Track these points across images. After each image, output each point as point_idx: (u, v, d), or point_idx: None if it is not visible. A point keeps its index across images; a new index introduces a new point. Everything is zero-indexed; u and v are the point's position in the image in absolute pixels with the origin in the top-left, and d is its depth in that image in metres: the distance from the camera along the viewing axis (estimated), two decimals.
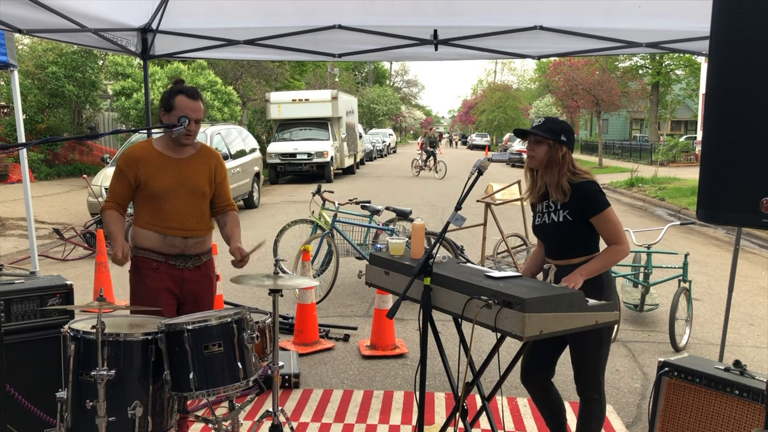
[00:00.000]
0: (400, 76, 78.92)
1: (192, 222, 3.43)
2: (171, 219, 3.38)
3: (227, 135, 14.54)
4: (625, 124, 53.40)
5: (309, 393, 4.73)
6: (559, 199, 3.20)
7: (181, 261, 3.43)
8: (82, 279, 7.97)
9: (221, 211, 3.65)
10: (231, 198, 3.71)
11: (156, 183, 3.36)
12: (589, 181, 3.19)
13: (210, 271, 3.61)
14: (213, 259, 3.67)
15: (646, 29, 4.96)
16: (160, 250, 3.39)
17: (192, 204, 3.44)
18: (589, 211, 3.15)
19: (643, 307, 6.40)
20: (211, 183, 3.56)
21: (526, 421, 4.30)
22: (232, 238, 3.58)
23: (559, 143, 3.18)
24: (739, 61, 2.01)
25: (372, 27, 5.19)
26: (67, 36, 4.96)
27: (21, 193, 5.01)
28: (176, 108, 3.36)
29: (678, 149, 30.70)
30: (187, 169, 3.46)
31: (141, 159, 3.40)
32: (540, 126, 3.24)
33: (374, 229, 7.68)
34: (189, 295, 3.49)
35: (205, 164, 3.54)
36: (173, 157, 3.46)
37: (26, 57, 19.42)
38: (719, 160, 2.08)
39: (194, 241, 3.45)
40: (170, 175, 3.40)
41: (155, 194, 3.37)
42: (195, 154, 3.54)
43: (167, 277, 3.41)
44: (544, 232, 3.32)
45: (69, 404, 2.74)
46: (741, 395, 2.95)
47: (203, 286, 3.55)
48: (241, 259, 3.47)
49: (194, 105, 3.40)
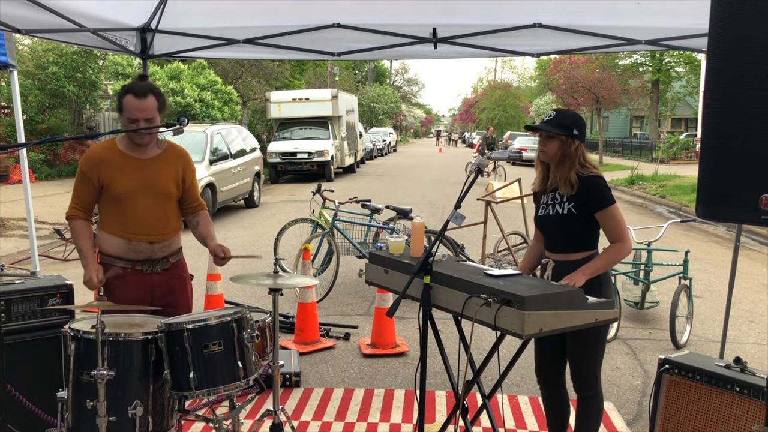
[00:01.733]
0: (400, 74, 78.93)
1: (158, 226, 3.28)
2: (135, 224, 3.23)
3: (227, 134, 14.54)
4: (626, 122, 53.33)
5: (310, 392, 4.73)
6: (566, 192, 3.18)
7: (148, 266, 3.29)
8: (82, 279, 7.95)
9: (192, 211, 3.51)
10: (200, 198, 3.56)
11: (119, 185, 3.20)
12: (597, 176, 3.19)
13: (182, 271, 3.48)
14: (183, 258, 3.54)
15: (646, 26, 4.95)
16: (125, 257, 3.26)
17: (157, 207, 3.28)
18: (595, 206, 3.13)
19: (643, 304, 6.40)
20: (179, 185, 3.39)
21: (527, 419, 4.30)
22: (208, 237, 3.46)
23: (571, 138, 3.16)
24: (738, 58, 2.01)
25: (371, 25, 5.19)
26: (67, 36, 4.95)
27: (21, 194, 5.02)
28: (124, 108, 3.16)
29: (678, 147, 30.70)
30: (152, 169, 3.29)
31: (103, 160, 3.23)
32: (551, 121, 3.20)
33: (374, 228, 7.67)
34: (161, 299, 3.34)
35: (171, 164, 3.37)
36: (137, 158, 3.28)
37: (26, 57, 19.42)
38: (719, 157, 2.08)
39: (160, 245, 3.31)
40: (133, 177, 3.23)
41: (118, 197, 3.21)
42: (161, 154, 3.36)
43: (133, 286, 3.27)
44: (546, 224, 3.31)
45: (69, 404, 2.74)
46: (742, 392, 2.94)
47: (175, 287, 3.42)
48: (224, 257, 3.35)
49: (141, 104, 3.14)
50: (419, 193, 17.98)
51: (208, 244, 3.44)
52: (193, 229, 3.53)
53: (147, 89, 3.19)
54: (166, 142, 3.42)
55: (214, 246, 3.40)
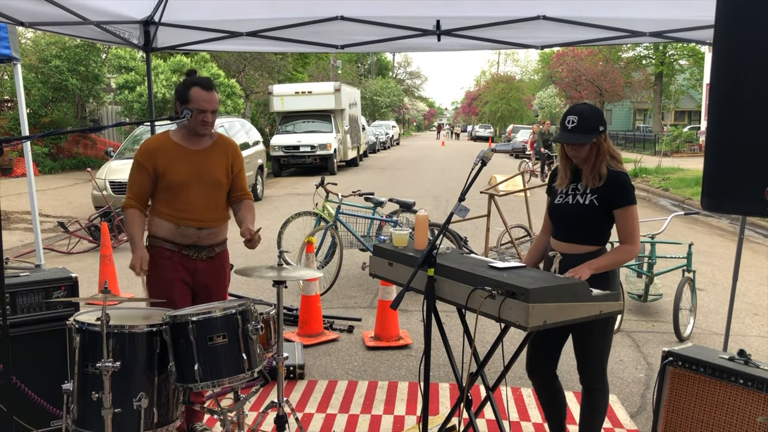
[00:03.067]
0: (403, 67, 78.77)
1: (206, 213, 3.46)
2: (185, 210, 3.41)
3: (230, 128, 14.54)
4: (629, 115, 53.19)
5: (314, 384, 4.74)
6: (592, 184, 3.15)
7: (194, 252, 3.47)
8: (87, 272, 7.99)
9: (237, 200, 3.68)
10: (246, 187, 3.73)
11: (173, 174, 3.39)
12: (624, 173, 3.17)
13: (224, 262, 3.65)
14: (227, 249, 3.71)
15: (650, 18, 4.93)
16: (173, 240, 3.43)
17: (207, 195, 3.46)
18: (618, 202, 3.11)
19: (647, 297, 6.40)
20: (228, 174, 3.58)
21: (531, 411, 4.31)
22: (244, 221, 3.61)
23: (599, 136, 3.13)
24: (744, 50, 2.00)
25: (374, 18, 5.17)
26: (70, 29, 4.95)
27: (25, 187, 5.03)
28: (192, 100, 3.36)
29: (681, 140, 30.59)
30: (204, 160, 3.48)
31: (158, 150, 3.43)
32: (577, 128, 3.09)
33: (378, 221, 7.68)
34: (201, 285, 3.53)
35: (222, 155, 3.55)
36: (190, 148, 3.47)
37: (29, 51, 19.44)
38: (724, 150, 2.08)
39: (207, 232, 3.48)
40: (187, 167, 3.42)
41: (171, 185, 3.39)
42: (212, 145, 3.55)
43: (181, 267, 3.45)
44: (563, 212, 3.26)
45: (75, 396, 2.75)
46: (745, 384, 2.94)
47: (215, 277, 3.59)
48: (251, 238, 3.50)
49: (209, 96, 3.39)
50: (422, 187, 17.97)
51: (241, 227, 3.59)
52: (235, 215, 3.69)
53: (212, 84, 3.45)
54: (217, 134, 3.61)
55: (244, 229, 3.55)
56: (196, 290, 3.54)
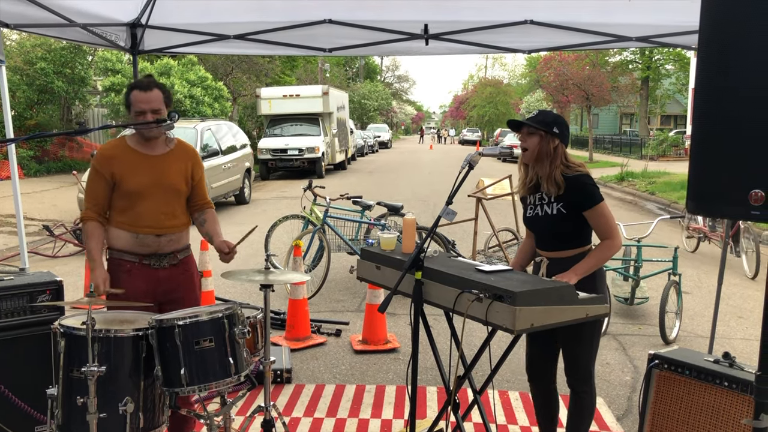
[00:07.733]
0: (391, 71, 78.89)
1: (164, 220, 3.32)
2: (143, 218, 3.27)
3: (218, 131, 14.49)
4: (616, 119, 53.51)
5: (301, 388, 4.73)
6: (553, 192, 3.19)
7: (155, 260, 3.33)
8: (72, 276, 7.92)
9: (199, 209, 3.55)
10: (208, 196, 3.61)
11: (131, 182, 3.26)
12: (583, 175, 3.20)
13: (190, 268, 3.50)
14: (192, 255, 3.56)
15: (636, 23, 4.98)
16: (132, 251, 3.29)
17: (166, 202, 3.33)
18: (584, 205, 3.15)
19: (633, 300, 6.44)
20: (188, 181, 3.45)
21: (518, 414, 4.32)
22: (214, 234, 3.51)
23: (551, 135, 3.18)
24: (728, 54, 2.02)
25: (362, 21, 5.18)
26: (56, 31, 4.92)
27: (10, 190, 4.97)
28: (131, 103, 3.24)
29: (668, 144, 30.79)
30: (162, 166, 3.35)
31: (114, 157, 3.28)
32: (533, 117, 3.25)
33: (366, 224, 7.67)
34: (166, 294, 3.37)
35: (181, 162, 3.42)
36: (147, 154, 3.33)
37: (14, 53, 19.25)
38: (708, 153, 2.09)
39: (167, 238, 3.34)
40: (144, 173, 3.29)
41: (129, 193, 3.26)
42: (171, 151, 3.41)
43: (140, 279, 3.29)
44: (536, 224, 3.32)
45: (60, 401, 2.73)
46: (730, 387, 2.97)
47: (182, 284, 3.44)
48: (229, 252, 3.42)
49: (146, 96, 3.22)
50: (410, 190, 17.99)
51: (214, 241, 3.50)
52: (200, 227, 3.58)
53: (152, 83, 3.30)
54: (176, 140, 3.50)
55: (219, 243, 3.46)
56: (161, 300, 3.36)
